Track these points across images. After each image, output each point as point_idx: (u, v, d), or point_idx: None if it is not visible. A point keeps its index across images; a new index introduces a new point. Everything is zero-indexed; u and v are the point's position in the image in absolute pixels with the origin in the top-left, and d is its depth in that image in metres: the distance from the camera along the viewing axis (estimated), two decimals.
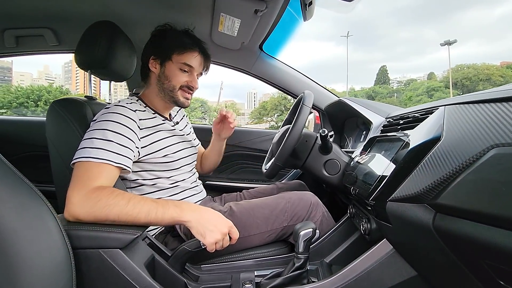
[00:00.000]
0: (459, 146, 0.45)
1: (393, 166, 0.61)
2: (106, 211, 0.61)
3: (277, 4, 0.91)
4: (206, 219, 0.67)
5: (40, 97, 23.58)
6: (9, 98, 23.30)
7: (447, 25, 78.72)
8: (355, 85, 47.58)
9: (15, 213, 0.51)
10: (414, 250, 0.55)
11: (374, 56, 66.87)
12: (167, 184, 0.90)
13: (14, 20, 1.14)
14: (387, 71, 41.91)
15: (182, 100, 0.92)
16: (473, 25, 76.93)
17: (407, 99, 30.61)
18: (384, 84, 39.44)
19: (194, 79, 0.92)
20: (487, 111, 0.44)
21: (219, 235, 0.66)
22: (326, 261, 0.80)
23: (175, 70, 0.90)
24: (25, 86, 23.99)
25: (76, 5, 1.07)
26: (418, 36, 73.66)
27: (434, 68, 63.05)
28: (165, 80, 0.90)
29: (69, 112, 0.83)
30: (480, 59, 69.00)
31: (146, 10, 1.07)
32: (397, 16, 75.82)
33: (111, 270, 0.60)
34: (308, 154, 0.97)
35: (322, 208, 0.90)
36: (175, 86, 0.90)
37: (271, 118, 27.43)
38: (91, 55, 0.89)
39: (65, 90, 26.30)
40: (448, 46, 27.80)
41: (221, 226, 0.67)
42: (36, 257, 0.51)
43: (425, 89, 30.10)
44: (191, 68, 0.91)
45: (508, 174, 0.36)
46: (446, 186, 0.44)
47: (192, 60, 0.90)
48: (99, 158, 0.68)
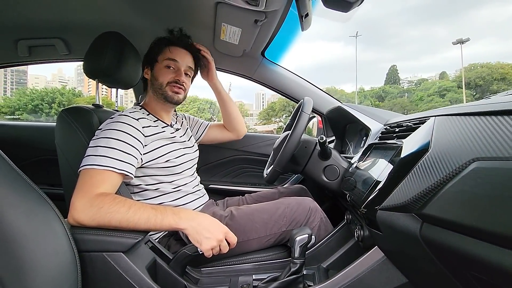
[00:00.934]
0: (444, 157, 0.46)
1: (386, 174, 0.62)
2: (108, 218, 0.65)
3: (276, 14, 0.93)
4: (203, 227, 0.69)
5: (54, 99, 24.24)
6: (25, 100, 24.02)
7: (459, 23, 77.00)
8: (364, 85, 47.11)
9: (25, 217, 0.55)
10: (404, 258, 0.56)
11: (384, 55, 66.03)
12: (169, 189, 0.93)
13: (27, 31, 1.20)
14: (398, 71, 41.31)
15: (170, 94, 0.95)
16: (486, 23, 75.03)
17: (418, 99, 30.11)
18: (394, 84, 38.87)
19: (180, 73, 0.96)
20: (472, 124, 0.46)
21: (215, 242, 0.68)
22: (323, 266, 0.82)
23: (161, 69, 0.96)
24: (40, 89, 24.68)
25: (86, 16, 1.11)
26: (429, 35, 72.31)
27: (446, 68, 61.84)
28: (155, 80, 0.96)
29: (76, 120, 0.87)
30: (494, 58, 67.22)
31: (151, 20, 1.11)
32: (407, 15, 74.58)
33: (114, 273, 0.63)
34: (308, 159, 0.98)
35: (320, 213, 0.91)
36: (162, 83, 0.95)
37: (279, 119, 27.42)
38: (99, 65, 0.93)
39: (78, 92, 26.98)
40: (461, 45, 27.15)
41: (217, 233, 0.70)
42: (44, 259, 0.55)
43: (436, 89, 29.53)
44: (176, 63, 0.95)
45: (486, 188, 0.38)
46: (432, 197, 0.46)
47: (175, 54, 0.95)
48: (102, 165, 0.72)
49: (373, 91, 36.39)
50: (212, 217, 0.74)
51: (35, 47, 1.27)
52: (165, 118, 1.01)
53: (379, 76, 59.91)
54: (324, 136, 0.92)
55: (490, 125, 0.42)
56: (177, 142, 0.98)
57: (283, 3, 0.88)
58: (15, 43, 1.24)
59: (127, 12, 1.07)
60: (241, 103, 28.48)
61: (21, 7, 1.06)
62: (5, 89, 43.18)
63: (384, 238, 0.58)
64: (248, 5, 0.83)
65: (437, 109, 0.63)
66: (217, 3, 0.90)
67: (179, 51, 0.97)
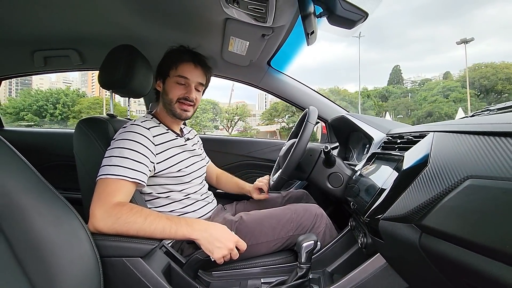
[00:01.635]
0: (442, 172, 0.50)
1: (388, 184, 0.66)
2: (126, 227, 0.69)
3: (283, 28, 0.97)
4: (214, 237, 0.74)
5: (59, 100, 24.41)
6: (29, 101, 24.22)
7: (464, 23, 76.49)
8: (368, 85, 46.90)
9: (52, 226, 0.60)
10: (405, 265, 0.60)
11: (387, 55, 65.70)
12: (180, 197, 0.97)
13: (43, 43, 1.26)
14: (401, 71, 41.10)
15: (178, 112, 0.98)
16: (491, 22, 74.41)
17: (422, 99, 29.95)
18: (397, 84, 38.72)
19: (190, 90, 0.98)
20: (468, 142, 0.49)
21: (226, 251, 0.73)
22: (328, 270, 0.85)
23: (172, 84, 0.97)
24: (44, 90, 24.87)
25: (99, 29, 1.16)
26: (433, 35, 71.88)
27: (450, 67, 61.44)
28: (165, 95, 0.98)
29: (93, 130, 0.92)
30: (499, 58, 66.66)
31: (163, 32, 1.15)
32: (410, 15, 74.22)
33: (133, 277, 0.68)
34: (313, 167, 1.02)
35: (325, 219, 0.95)
36: (172, 99, 0.97)
37: (282, 119, 27.40)
38: (113, 77, 0.98)
39: (82, 93, 27.13)
40: (465, 45, 26.96)
41: (228, 243, 0.74)
42: (70, 264, 0.59)
43: (440, 89, 29.34)
44: (187, 80, 0.97)
45: (478, 204, 0.41)
46: (430, 209, 0.50)
47: (186, 71, 0.97)
48: (116, 175, 0.76)
49: (376, 91, 36.26)
50: (223, 227, 0.78)
51: (50, 57, 1.32)
52: (176, 128, 1.05)
53: (382, 76, 59.67)
54: (329, 146, 0.96)
55: (485, 145, 0.45)
56: (188, 150, 1.02)
57: (290, 19, 0.92)
58: (32, 54, 1.29)
59: (139, 25, 1.12)
60: (243, 104, 28.52)
61: (38, 20, 1.11)
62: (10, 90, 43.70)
63: (386, 246, 0.62)
64: (256, 21, 0.88)
65: (436, 124, 0.67)
66: (226, 18, 0.95)
67: (190, 67, 0.98)
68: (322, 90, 33.60)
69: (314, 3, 0.77)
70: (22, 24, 1.14)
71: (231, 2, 0.79)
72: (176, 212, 0.95)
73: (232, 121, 27.05)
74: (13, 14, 1.05)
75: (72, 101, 24.78)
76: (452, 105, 26.31)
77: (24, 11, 1.04)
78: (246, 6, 0.79)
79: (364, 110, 30.15)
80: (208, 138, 1.45)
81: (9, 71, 1.44)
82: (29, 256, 0.56)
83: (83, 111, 23.88)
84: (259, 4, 0.76)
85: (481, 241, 0.40)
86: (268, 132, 26.79)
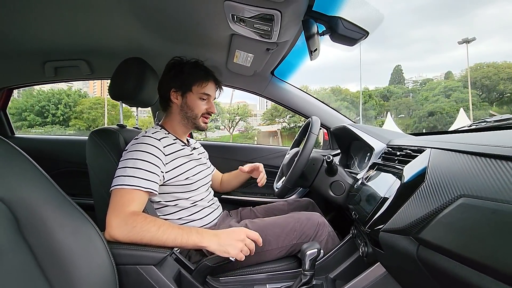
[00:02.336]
0: (437, 189, 0.54)
1: (387, 195, 0.70)
2: (140, 236, 0.73)
3: (287, 43, 1.01)
4: (224, 239, 0.78)
5: (60, 100, 24.51)
6: (32, 102, 24.33)
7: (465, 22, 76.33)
8: (369, 85, 46.88)
9: (72, 236, 0.64)
10: (403, 274, 0.64)
11: (388, 55, 65.66)
12: (187, 204, 1.01)
13: (54, 54, 1.30)
14: (402, 71, 41.02)
15: (202, 125, 1.05)
16: (493, 22, 74.21)
17: (423, 99, 29.90)
18: (399, 84, 38.66)
19: (211, 105, 1.05)
20: (462, 161, 0.53)
21: (240, 244, 0.77)
22: (330, 276, 0.89)
23: (196, 100, 1.02)
24: (46, 90, 24.96)
25: (109, 41, 1.21)
26: (434, 35, 71.76)
27: (451, 67, 61.29)
28: (188, 109, 1.02)
29: (105, 141, 0.96)
30: (501, 58, 66.42)
31: (170, 45, 1.19)
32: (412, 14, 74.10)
33: (146, 284, 0.72)
34: (316, 176, 1.06)
35: (328, 228, 0.99)
36: (197, 114, 1.02)
37: (283, 119, 27.44)
38: (123, 89, 1.02)
39: (84, 93, 27.19)
40: (467, 44, 26.88)
41: (238, 236, 0.79)
42: (89, 273, 0.63)
43: (442, 89, 29.29)
44: (209, 96, 1.03)
45: (470, 222, 0.45)
46: (427, 224, 0.53)
47: (210, 89, 1.03)
48: (131, 185, 0.80)
49: (378, 90, 36.22)
50: (231, 229, 0.82)
51: (61, 68, 1.36)
52: (183, 138, 1.09)
53: (384, 76, 59.60)
54: (331, 156, 1.00)
55: (477, 165, 0.49)
56: (194, 159, 1.06)
57: (294, 34, 0.96)
58: (43, 65, 1.34)
59: (148, 38, 1.16)
60: (244, 104, 28.53)
61: (50, 33, 1.15)
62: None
63: (385, 256, 0.65)
64: (261, 37, 0.91)
65: (434, 140, 0.71)
66: (232, 34, 0.98)
67: (212, 86, 1.04)
68: (323, 89, 33.60)
69: (317, 22, 0.81)
70: (35, 37, 1.18)
71: (237, 21, 0.83)
72: (183, 219, 0.99)
73: (233, 121, 27.09)
74: (27, 27, 1.09)
75: (74, 102, 24.88)
76: (454, 105, 26.25)
77: (37, 25, 1.08)
78: (252, 25, 0.83)
79: (366, 109, 30.13)
80: (211, 145, 1.49)
81: (21, 81, 1.48)
82: (50, 264, 0.60)
83: (85, 111, 23.99)
84: (264, 23, 0.80)
85: (472, 256, 0.44)
86: (269, 132, 26.83)
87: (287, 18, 0.78)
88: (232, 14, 0.80)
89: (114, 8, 0.94)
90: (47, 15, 1.00)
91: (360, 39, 0.82)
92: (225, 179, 1.34)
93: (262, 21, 0.79)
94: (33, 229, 0.59)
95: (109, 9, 0.96)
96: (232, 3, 0.74)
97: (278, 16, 0.75)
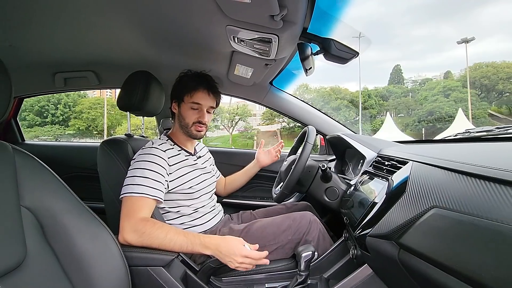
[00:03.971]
0: (415, 200, 0.61)
1: (376, 201, 0.77)
2: (150, 241, 0.81)
3: (284, 59, 1.08)
4: (224, 254, 0.82)
5: (60, 100, 24.52)
6: (31, 102, 24.34)
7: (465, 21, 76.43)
8: (368, 85, 46.91)
9: (90, 241, 0.71)
10: (388, 275, 0.71)
11: (388, 55, 65.75)
12: (189, 211, 1.08)
13: (64, 66, 1.37)
14: (402, 71, 41.03)
15: (195, 133, 1.10)
16: (493, 21, 74.33)
17: (423, 99, 29.99)
18: (398, 84, 38.73)
19: (203, 114, 1.09)
20: (437, 174, 0.60)
21: (237, 264, 0.81)
22: (324, 276, 0.96)
23: (187, 110, 1.08)
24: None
25: (116, 54, 1.28)
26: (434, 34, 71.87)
27: (451, 67, 61.41)
28: (182, 119, 1.09)
29: (114, 151, 1.03)
30: (500, 57, 66.60)
31: (174, 59, 1.26)
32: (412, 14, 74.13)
33: (156, 284, 0.79)
34: (311, 182, 1.13)
35: (319, 225, 1.07)
36: (188, 123, 1.08)
37: (282, 119, 27.51)
38: (130, 100, 1.09)
39: (83, 93, 27.24)
40: (466, 44, 26.93)
41: (237, 258, 0.81)
42: (106, 274, 0.71)
43: (441, 89, 29.37)
44: (200, 105, 1.08)
45: (440, 230, 0.52)
46: (406, 230, 0.60)
47: (200, 99, 1.07)
48: (140, 193, 0.88)
49: (377, 90, 36.29)
50: (233, 243, 0.84)
51: (70, 78, 1.43)
52: (189, 147, 1.16)
53: (383, 76, 59.65)
54: (326, 164, 1.07)
55: (448, 179, 0.56)
56: (198, 169, 1.13)
57: (290, 52, 1.03)
58: (53, 76, 1.41)
59: (153, 52, 1.23)
60: (244, 104, 28.57)
61: (60, 46, 1.22)
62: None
63: (372, 259, 0.73)
64: (260, 55, 0.99)
65: (419, 150, 0.78)
66: (233, 51, 1.06)
67: (204, 95, 1.07)
68: (323, 88, 33.61)
69: (311, 43, 0.88)
70: (46, 50, 1.25)
71: (238, 41, 0.90)
72: (185, 224, 1.07)
73: (233, 121, 27.14)
74: (39, 40, 1.15)
75: (73, 102, 24.91)
76: (453, 104, 26.33)
77: (49, 39, 1.14)
78: (252, 45, 0.90)
79: (365, 109, 30.21)
80: (214, 151, 1.56)
81: (32, 91, 1.56)
82: (72, 267, 0.67)
83: (84, 111, 24.01)
84: (263, 45, 0.87)
85: (441, 260, 0.51)
86: (269, 132, 26.88)
87: (284, 40, 0.85)
88: (234, 36, 0.87)
89: (121, 25, 1.00)
90: (58, 29, 1.06)
91: (350, 59, 0.89)
92: (228, 181, 1.42)
93: (261, 42, 0.86)
94: (56, 235, 0.67)
95: (116, 25, 1.01)
96: (234, 27, 0.81)
97: (275, 39, 0.83)
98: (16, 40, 1.13)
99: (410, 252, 0.60)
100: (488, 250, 0.42)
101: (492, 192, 0.45)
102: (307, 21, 0.81)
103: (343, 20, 0.82)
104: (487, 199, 0.45)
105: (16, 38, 1.12)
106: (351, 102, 30.17)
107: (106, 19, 0.96)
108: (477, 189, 0.49)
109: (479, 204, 0.46)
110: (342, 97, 30.97)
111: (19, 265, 0.59)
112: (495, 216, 0.42)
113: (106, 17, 0.95)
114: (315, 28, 0.85)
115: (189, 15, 0.85)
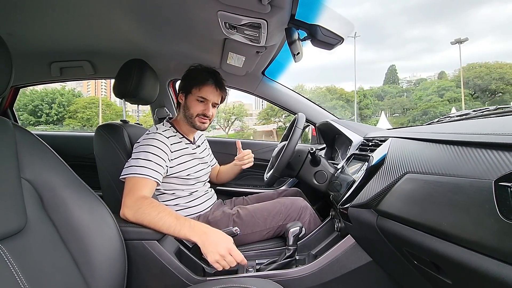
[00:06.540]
0: (392, 169, 0.66)
1: (358, 178, 0.82)
2: (142, 218, 0.84)
3: (274, 46, 1.13)
4: (210, 242, 0.80)
5: (54, 99, 24.32)
6: (25, 101, 24.11)
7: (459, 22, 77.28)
8: (364, 85, 47.36)
9: (87, 214, 0.74)
10: (368, 242, 0.76)
11: (383, 55, 66.21)
12: (184, 194, 1.12)
13: (60, 55, 1.40)
14: (396, 71, 41.48)
15: (198, 124, 1.14)
16: (486, 22, 75.31)
17: (417, 99, 30.32)
18: (393, 84, 39.09)
19: (208, 108, 1.13)
20: (410, 146, 0.66)
21: (218, 256, 0.78)
22: (312, 252, 1.01)
23: (193, 101, 1.13)
24: (39, 89, 24.74)
25: (111, 43, 1.31)
26: (428, 35, 72.52)
27: (445, 67, 62.09)
28: (187, 109, 1.14)
29: (111, 134, 1.07)
30: (493, 58, 67.44)
31: (168, 47, 1.30)
32: (406, 14, 74.79)
33: (151, 257, 0.83)
34: (301, 166, 1.18)
35: (310, 210, 1.11)
36: (193, 114, 1.13)
37: (278, 119, 27.61)
38: (125, 87, 1.12)
39: (78, 92, 27.04)
40: (459, 45, 27.28)
41: (221, 249, 0.78)
42: (102, 245, 0.74)
43: (435, 89, 29.72)
44: (206, 100, 1.13)
45: (411, 192, 0.57)
46: (383, 197, 0.65)
47: (207, 93, 1.12)
48: (143, 174, 0.93)
49: (372, 90, 36.60)
50: (222, 235, 0.84)
51: (66, 68, 1.46)
52: (190, 136, 1.21)
53: (378, 76, 60.14)
54: (314, 147, 1.12)
55: (418, 148, 0.62)
56: (197, 158, 1.18)
57: (280, 39, 1.08)
58: (49, 65, 1.44)
59: (148, 41, 1.26)
60: (240, 103, 28.60)
61: (56, 35, 1.25)
62: None
63: (353, 228, 0.78)
64: (251, 42, 1.03)
65: (395, 131, 0.83)
66: (225, 38, 1.10)
67: (211, 88, 1.12)
68: (319, 88, 33.81)
69: (299, 29, 0.93)
70: (42, 38, 1.28)
71: (229, 27, 0.94)
72: (180, 206, 1.11)
73: (229, 121, 27.18)
74: (34, 29, 1.18)
75: (68, 101, 24.72)
76: (447, 104, 26.66)
77: (44, 27, 1.17)
78: (243, 31, 0.94)
79: (361, 109, 30.45)
80: (211, 140, 1.60)
81: (28, 80, 1.58)
82: (70, 237, 0.71)
83: (79, 110, 23.85)
84: (253, 30, 0.91)
85: (412, 218, 0.56)
86: (265, 131, 26.95)
87: (273, 25, 0.89)
88: (225, 22, 0.91)
89: (116, 13, 1.03)
90: (54, 18, 1.09)
91: (336, 45, 0.93)
92: (221, 171, 1.46)
93: (251, 28, 0.90)
94: (55, 207, 0.70)
95: (111, 14, 1.04)
96: (225, 12, 0.85)
97: (264, 24, 0.87)
98: (13, 29, 1.16)
99: (386, 217, 0.65)
100: (448, 201, 0.47)
101: (454, 153, 0.51)
102: (294, 7, 0.85)
103: (329, 6, 0.86)
104: (450, 159, 0.50)
105: (13, 27, 1.14)
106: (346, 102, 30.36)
107: (101, 7, 0.99)
108: (442, 152, 0.54)
109: (443, 164, 0.51)
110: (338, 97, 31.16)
111: (20, 231, 0.62)
112: (455, 173, 0.47)
113: (101, 6, 0.98)
114: (302, 15, 0.90)
115: (182, 1, 0.89)
